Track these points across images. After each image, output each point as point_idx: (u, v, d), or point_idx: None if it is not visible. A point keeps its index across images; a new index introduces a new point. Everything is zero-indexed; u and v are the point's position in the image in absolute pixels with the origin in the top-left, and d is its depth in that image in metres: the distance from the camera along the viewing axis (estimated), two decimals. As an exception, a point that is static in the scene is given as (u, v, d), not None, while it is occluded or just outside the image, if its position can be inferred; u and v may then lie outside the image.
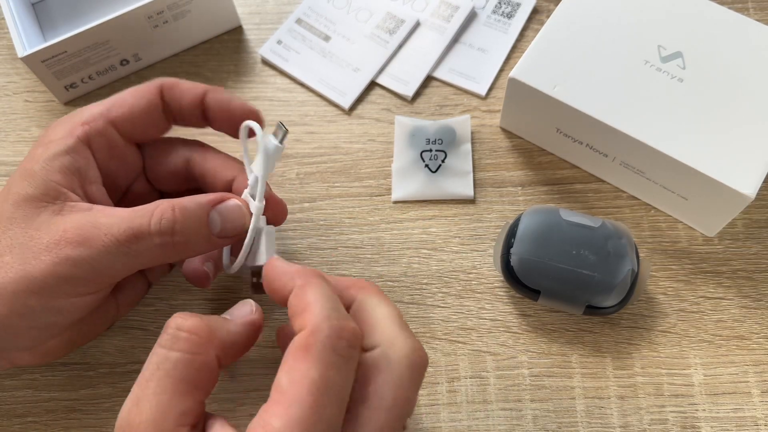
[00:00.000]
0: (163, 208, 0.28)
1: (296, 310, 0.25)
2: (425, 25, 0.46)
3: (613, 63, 0.37)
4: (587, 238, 0.34)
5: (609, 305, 0.34)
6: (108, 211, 0.28)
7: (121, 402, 0.35)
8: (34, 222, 0.28)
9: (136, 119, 0.31)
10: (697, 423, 0.34)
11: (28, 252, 0.27)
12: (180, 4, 0.42)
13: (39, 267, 0.27)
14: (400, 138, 0.42)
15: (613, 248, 0.33)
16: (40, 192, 0.28)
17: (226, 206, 0.29)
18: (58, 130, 0.30)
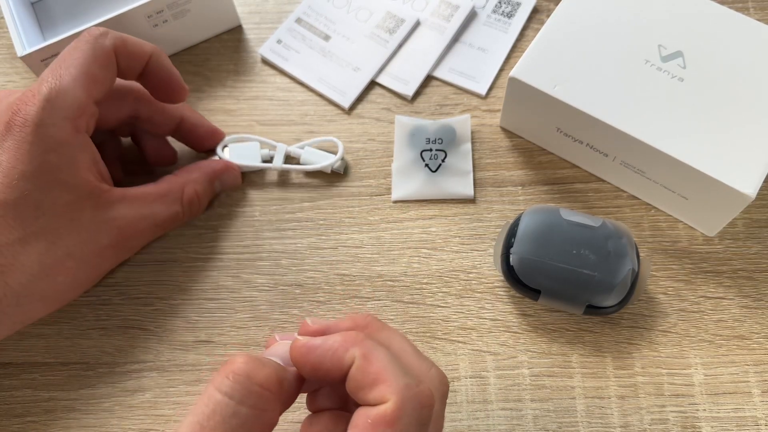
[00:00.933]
0: (190, 195, 0.36)
1: (364, 383, 0.24)
2: (425, 25, 0.46)
3: (614, 62, 0.37)
4: (587, 237, 0.33)
5: (609, 305, 0.34)
6: (145, 195, 0.34)
7: (121, 402, 0.35)
8: (83, 223, 0.31)
9: (107, 89, 0.32)
10: (698, 423, 0.34)
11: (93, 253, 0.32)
12: (180, 3, 0.42)
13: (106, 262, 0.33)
14: (400, 137, 0.42)
15: (614, 248, 0.33)
16: (77, 195, 0.30)
17: (226, 176, 0.39)
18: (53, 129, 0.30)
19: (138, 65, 0.34)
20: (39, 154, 0.29)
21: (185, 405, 0.35)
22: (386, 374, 0.23)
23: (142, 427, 0.34)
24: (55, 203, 0.29)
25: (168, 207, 0.35)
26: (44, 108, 0.29)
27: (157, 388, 0.35)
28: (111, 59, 0.32)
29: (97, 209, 0.31)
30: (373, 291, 0.37)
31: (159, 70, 0.35)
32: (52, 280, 0.30)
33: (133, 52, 0.33)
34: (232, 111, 0.44)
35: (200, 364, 0.36)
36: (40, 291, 0.30)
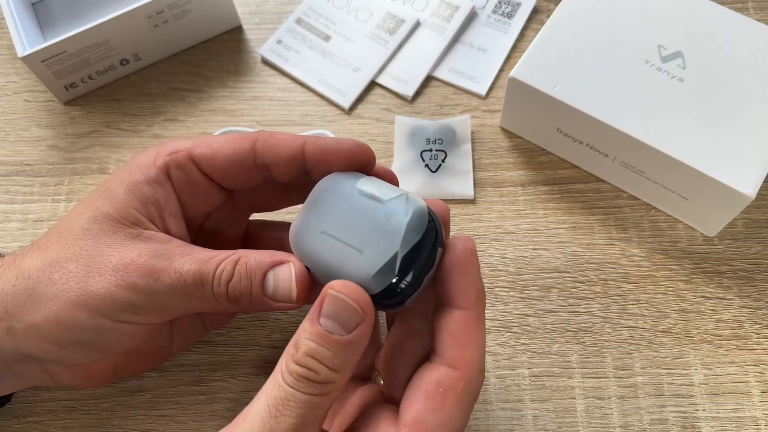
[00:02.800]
0: (227, 262, 0.27)
1: (459, 340, 0.25)
2: (425, 25, 0.46)
3: (614, 63, 0.37)
4: (371, 211, 0.26)
5: (371, 292, 0.25)
6: (185, 248, 0.27)
7: (121, 402, 0.35)
8: (108, 239, 0.27)
9: (218, 164, 0.29)
10: (697, 423, 0.34)
11: (94, 266, 0.27)
12: (180, 3, 0.42)
13: (101, 284, 0.26)
14: (400, 138, 0.42)
15: (391, 226, 0.25)
16: (121, 215, 0.28)
17: (280, 269, 0.27)
18: (143, 156, 0.29)
19: (288, 152, 0.28)
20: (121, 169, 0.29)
21: (185, 405, 0.35)
22: (475, 349, 0.25)
23: (143, 427, 0.35)
24: (100, 209, 0.28)
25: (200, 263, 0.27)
26: (155, 144, 0.30)
27: (158, 388, 0.35)
28: (242, 141, 0.28)
29: (129, 237, 0.27)
30: (373, 291, 0.38)
31: (321, 149, 0.28)
32: (48, 274, 0.27)
33: (279, 144, 0.28)
34: (232, 111, 0.44)
35: (200, 365, 0.36)
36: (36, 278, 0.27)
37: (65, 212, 0.40)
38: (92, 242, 0.27)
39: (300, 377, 0.23)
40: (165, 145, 0.29)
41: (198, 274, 0.26)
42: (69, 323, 0.27)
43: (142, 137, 0.43)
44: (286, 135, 0.29)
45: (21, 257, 0.28)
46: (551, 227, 0.39)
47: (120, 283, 0.26)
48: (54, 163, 0.42)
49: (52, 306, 0.27)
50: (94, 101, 0.44)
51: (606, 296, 0.37)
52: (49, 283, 0.27)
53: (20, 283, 0.27)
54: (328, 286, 0.24)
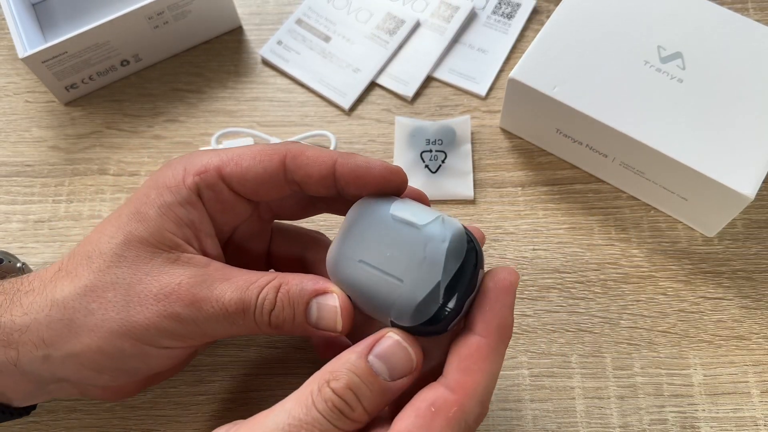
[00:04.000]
0: (268, 289, 0.26)
1: (465, 364, 0.24)
2: (425, 26, 0.46)
3: (613, 63, 0.37)
4: (408, 238, 0.25)
5: (410, 324, 0.25)
6: (224, 272, 0.27)
7: (121, 402, 0.35)
8: (146, 266, 0.27)
9: (248, 182, 0.28)
10: (697, 423, 0.34)
11: (134, 296, 0.26)
12: (180, 4, 0.42)
13: (144, 314, 0.26)
14: (400, 138, 0.42)
15: (430, 253, 0.25)
16: (156, 239, 0.27)
17: (324, 301, 0.26)
18: (170, 174, 0.28)
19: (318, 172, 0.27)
20: (147, 186, 0.28)
21: (186, 405, 0.35)
22: (480, 378, 0.24)
23: (144, 427, 0.35)
24: (131, 232, 0.27)
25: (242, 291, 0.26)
26: (181, 158, 0.29)
27: (158, 388, 0.35)
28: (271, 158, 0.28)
29: (167, 262, 0.27)
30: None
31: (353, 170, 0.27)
32: (86, 303, 0.26)
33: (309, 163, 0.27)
34: (232, 112, 0.44)
35: (201, 365, 0.36)
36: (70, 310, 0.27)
37: (66, 213, 0.41)
38: (129, 269, 0.27)
39: (334, 407, 0.23)
40: (191, 161, 0.28)
41: (240, 302, 0.26)
42: (112, 352, 0.27)
43: (143, 138, 0.43)
44: (315, 152, 0.28)
45: (51, 284, 0.27)
46: (551, 228, 0.39)
47: (163, 314, 0.26)
48: (55, 163, 0.42)
49: (93, 336, 0.26)
50: (95, 102, 0.45)
51: (606, 297, 0.37)
52: (88, 313, 0.26)
53: (55, 313, 0.27)
54: (388, 329, 0.24)
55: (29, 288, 0.28)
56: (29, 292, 0.27)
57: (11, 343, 0.27)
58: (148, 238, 0.27)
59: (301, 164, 0.27)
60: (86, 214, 0.41)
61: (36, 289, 0.27)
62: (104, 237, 0.27)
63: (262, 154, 0.28)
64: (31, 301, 0.27)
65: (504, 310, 0.25)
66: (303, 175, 0.27)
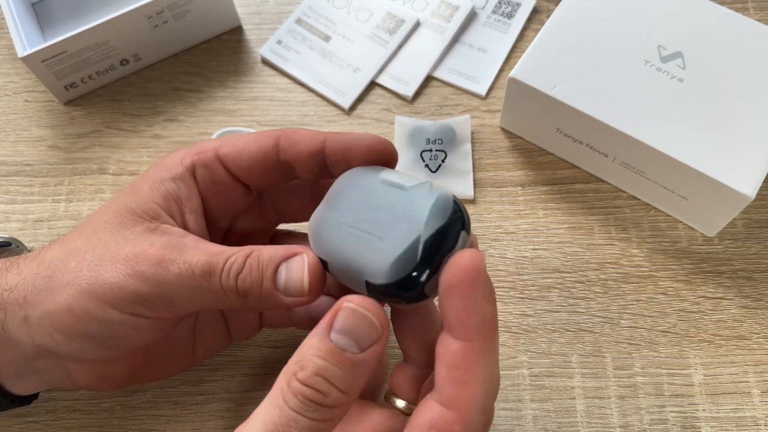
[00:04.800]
0: (238, 255, 0.26)
1: (456, 376, 0.22)
2: (425, 25, 0.46)
3: (613, 63, 0.37)
4: (393, 199, 0.24)
5: (384, 282, 0.23)
6: (200, 243, 0.27)
7: (121, 402, 0.35)
8: (126, 231, 0.27)
9: (243, 161, 0.29)
10: (697, 423, 0.34)
11: (107, 256, 0.27)
12: (180, 4, 0.42)
13: (111, 273, 0.26)
14: (400, 138, 0.42)
15: (412, 211, 0.23)
16: (142, 209, 0.28)
17: (293, 261, 0.26)
18: (173, 156, 0.30)
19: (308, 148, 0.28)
20: (150, 168, 0.30)
21: (185, 405, 0.35)
22: (476, 387, 0.22)
23: (143, 427, 0.35)
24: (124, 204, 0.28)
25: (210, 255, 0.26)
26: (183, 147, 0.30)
27: (158, 388, 0.35)
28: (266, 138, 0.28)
29: (146, 231, 0.27)
30: (373, 291, 0.38)
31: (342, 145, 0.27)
32: (66, 263, 0.27)
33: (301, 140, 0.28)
34: (232, 112, 0.44)
35: (200, 365, 0.36)
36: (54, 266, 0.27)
37: (65, 212, 0.41)
38: (111, 234, 0.27)
39: (306, 400, 0.21)
40: (195, 145, 0.30)
41: (207, 264, 0.25)
42: (79, 312, 0.26)
43: (142, 137, 0.43)
44: (308, 131, 0.28)
45: (46, 249, 0.29)
46: (551, 227, 0.39)
47: (129, 272, 0.26)
48: (54, 163, 0.42)
49: (64, 294, 0.26)
50: (94, 101, 0.44)
51: (606, 296, 0.37)
52: (65, 270, 0.27)
53: (41, 271, 0.27)
54: (343, 299, 0.22)
55: (29, 255, 0.29)
56: (28, 258, 0.29)
57: (1, 304, 0.27)
58: (135, 208, 0.28)
59: (292, 142, 0.28)
60: (86, 213, 0.40)
61: (32, 255, 0.29)
62: (102, 209, 0.29)
63: (259, 135, 0.29)
64: (26, 263, 0.28)
65: (480, 304, 0.22)
66: (294, 152, 0.28)
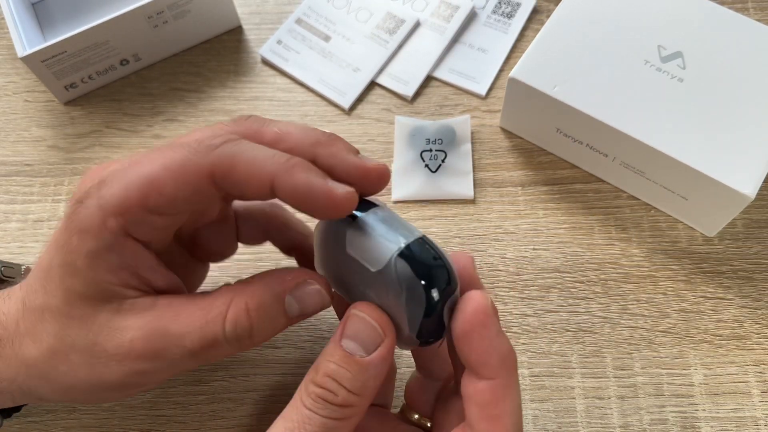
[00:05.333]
0: (236, 313, 0.25)
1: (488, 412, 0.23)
2: (425, 25, 0.46)
3: (613, 63, 0.37)
4: (368, 279, 0.24)
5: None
6: (172, 309, 0.26)
7: (121, 402, 0.35)
8: (94, 325, 0.26)
9: (179, 207, 0.25)
10: (697, 423, 0.34)
11: (96, 359, 0.26)
12: (180, 4, 0.42)
13: (110, 376, 0.26)
14: (400, 138, 0.42)
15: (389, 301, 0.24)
16: (92, 293, 0.25)
17: (304, 292, 0.26)
18: (84, 215, 0.25)
19: (255, 194, 0.25)
20: (67, 230, 0.26)
21: (185, 405, 0.35)
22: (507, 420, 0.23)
23: (143, 427, 0.35)
24: (70, 289, 0.26)
25: (202, 328, 0.25)
26: (91, 188, 0.25)
27: (158, 388, 0.35)
28: (198, 180, 0.24)
29: (112, 315, 0.26)
30: (373, 291, 0.38)
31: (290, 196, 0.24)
32: (55, 366, 0.26)
33: (242, 183, 0.24)
34: (232, 112, 0.44)
35: (200, 365, 0.36)
36: (45, 371, 0.27)
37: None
38: (80, 331, 0.26)
39: (318, 398, 0.23)
40: (106, 195, 0.25)
41: (205, 342, 0.25)
42: (94, 399, 0.29)
43: (142, 137, 0.43)
44: (247, 166, 0.24)
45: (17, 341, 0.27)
46: (551, 227, 0.39)
47: (129, 373, 0.26)
48: (54, 163, 0.42)
49: (75, 393, 0.27)
50: (94, 101, 0.44)
51: (606, 296, 0.37)
52: (60, 374, 0.26)
53: (32, 372, 0.27)
54: (352, 307, 0.24)
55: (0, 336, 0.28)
56: (1, 342, 0.27)
57: (3, 390, 0.28)
58: (85, 293, 0.25)
59: (233, 183, 0.24)
60: (86, 213, 0.40)
61: (4, 340, 0.27)
62: (47, 293, 0.26)
63: (184, 172, 0.24)
64: (8, 355, 0.27)
65: (495, 341, 0.23)
66: (238, 193, 0.25)
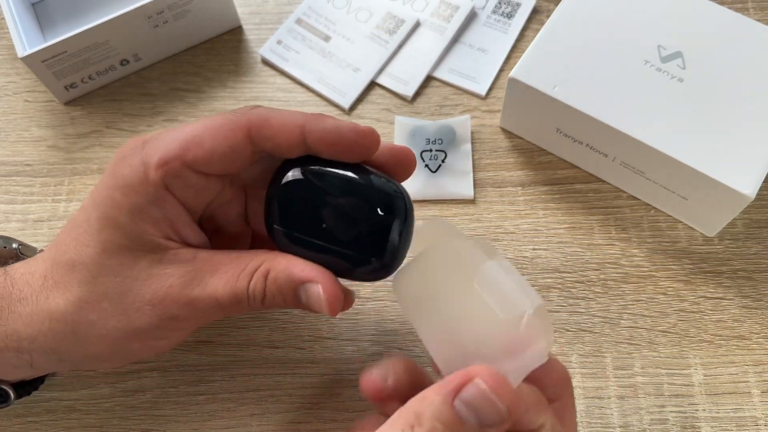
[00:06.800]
0: (257, 275, 0.27)
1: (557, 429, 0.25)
2: (425, 25, 0.46)
3: (613, 63, 0.37)
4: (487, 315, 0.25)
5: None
6: (211, 262, 0.27)
7: (121, 402, 0.35)
8: (132, 271, 0.27)
9: (215, 162, 0.27)
10: (697, 423, 0.34)
11: (129, 304, 0.27)
12: (180, 4, 0.42)
13: (143, 319, 0.27)
14: (400, 138, 0.42)
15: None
16: (136, 244, 0.27)
17: (311, 290, 0.27)
18: (128, 170, 0.27)
19: (287, 143, 0.27)
20: (108, 186, 0.27)
21: (186, 405, 0.35)
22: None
23: (143, 427, 0.35)
24: (108, 240, 0.26)
25: (233, 284, 0.27)
26: (135, 147, 0.27)
27: (158, 388, 0.35)
28: (235, 134, 0.26)
29: (152, 264, 0.27)
30: (372, 291, 0.38)
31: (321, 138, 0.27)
32: (85, 315, 0.27)
33: (275, 134, 0.27)
34: (232, 111, 0.44)
35: (201, 365, 0.36)
36: (72, 322, 0.27)
37: (65, 212, 0.41)
38: (116, 278, 0.27)
39: None
40: (149, 151, 0.27)
41: (233, 296, 0.27)
42: (123, 352, 0.28)
43: (142, 137, 0.43)
44: (279, 119, 0.27)
45: (42, 294, 0.27)
46: (551, 227, 0.39)
47: (161, 316, 0.27)
48: (54, 163, 0.42)
49: (102, 344, 0.27)
50: (94, 101, 0.44)
51: (606, 296, 0.37)
52: (89, 324, 0.27)
53: (57, 326, 0.27)
54: (475, 372, 0.23)
55: (21, 295, 0.28)
56: (22, 300, 0.28)
57: (23, 350, 0.28)
58: (127, 245, 0.27)
59: (267, 135, 0.27)
60: (86, 213, 0.40)
61: (28, 298, 0.28)
62: (80, 245, 0.27)
63: (224, 129, 0.27)
64: (29, 312, 0.27)
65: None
66: (271, 146, 0.27)
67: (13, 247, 0.35)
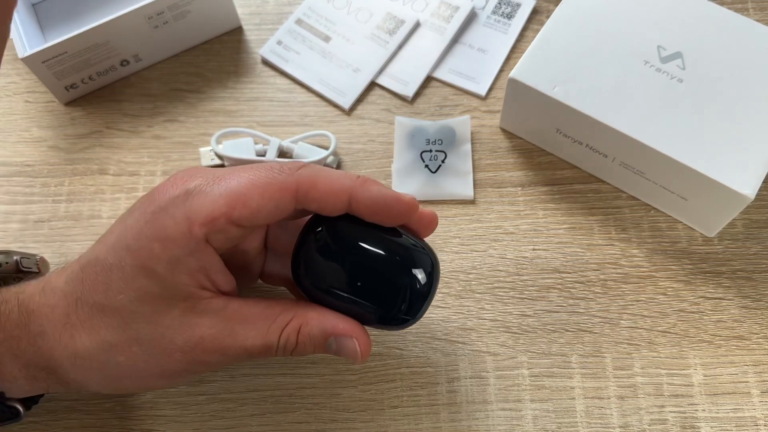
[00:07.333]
0: (289, 332, 0.28)
1: None
2: (425, 26, 0.46)
3: (613, 63, 0.37)
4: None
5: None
6: (242, 312, 0.28)
7: (121, 402, 0.35)
8: (165, 319, 0.27)
9: (260, 219, 0.27)
10: (697, 423, 0.34)
11: (160, 349, 0.27)
12: (180, 4, 0.42)
13: (173, 364, 0.28)
14: (400, 138, 0.42)
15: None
16: (170, 294, 0.27)
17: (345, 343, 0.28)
18: (171, 224, 0.27)
19: (333, 207, 0.28)
20: (147, 236, 0.27)
21: (186, 405, 0.35)
22: None
23: (144, 427, 0.35)
24: (142, 288, 0.27)
25: (264, 336, 0.28)
26: (177, 198, 0.27)
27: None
28: (283, 196, 0.27)
29: (185, 312, 0.27)
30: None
31: (366, 206, 0.28)
32: (113, 357, 0.27)
33: (322, 198, 0.27)
34: (232, 112, 0.44)
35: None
36: (99, 362, 0.28)
37: (66, 213, 0.41)
38: (148, 326, 0.27)
39: None
40: (194, 207, 0.27)
41: (263, 347, 0.28)
42: (143, 385, 0.31)
43: (143, 138, 0.43)
44: (327, 183, 0.27)
45: (66, 332, 0.27)
46: (551, 228, 0.39)
47: (192, 362, 0.28)
48: (54, 163, 0.42)
49: (127, 381, 0.29)
50: (95, 102, 0.45)
51: (606, 297, 0.37)
52: (116, 365, 0.28)
53: (83, 363, 0.28)
54: None
55: (39, 329, 0.28)
56: (42, 335, 0.28)
57: (39, 379, 0.29)
58: (161, 293, 0.27)
59: (314, 198, 0.27)
60: (86, 214, 0.41)
61: (48, 333, 0.28)
62: (111, 290, 0.27)
63: (271, 189, 0.27)
64: (50, 347, 0.28)
65: None
66: (316, 207, 0.28)
67: (14, 260, 0.35)
